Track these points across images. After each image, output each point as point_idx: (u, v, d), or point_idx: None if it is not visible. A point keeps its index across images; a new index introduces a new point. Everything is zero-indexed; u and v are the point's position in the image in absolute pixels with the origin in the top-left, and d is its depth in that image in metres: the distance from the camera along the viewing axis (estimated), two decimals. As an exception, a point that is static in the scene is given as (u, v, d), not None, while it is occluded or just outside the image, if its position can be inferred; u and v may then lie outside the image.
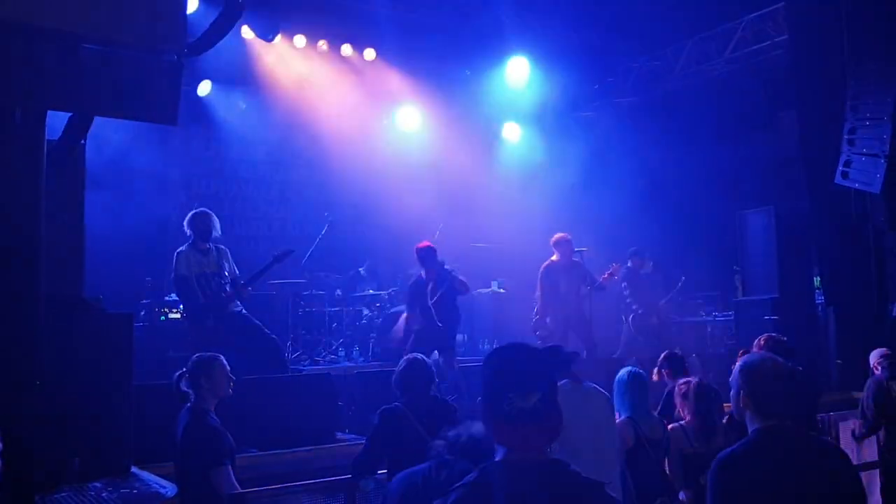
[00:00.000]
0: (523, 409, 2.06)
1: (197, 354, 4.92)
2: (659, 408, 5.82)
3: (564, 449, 2.65)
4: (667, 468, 5.02)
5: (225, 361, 4.86)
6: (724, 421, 5.17)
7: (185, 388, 4.74)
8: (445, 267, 8.70)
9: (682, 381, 5.30)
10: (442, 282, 8.63)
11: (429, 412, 4.76)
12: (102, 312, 5.00)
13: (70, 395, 4.34)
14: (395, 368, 5.08)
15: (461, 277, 8.78)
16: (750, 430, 3.11)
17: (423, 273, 8.79)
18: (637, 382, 5.03)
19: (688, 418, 5.09)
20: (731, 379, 3.27)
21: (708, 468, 3.10)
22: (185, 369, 4.82)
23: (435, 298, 8.59)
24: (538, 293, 9.77)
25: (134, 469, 4.68)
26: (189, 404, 4.73)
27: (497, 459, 2.13)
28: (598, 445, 4.40)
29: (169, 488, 4.34)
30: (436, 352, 8.47)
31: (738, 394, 3.17)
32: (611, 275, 9.81)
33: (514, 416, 2.06)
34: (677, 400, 5.20)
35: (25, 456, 3.47)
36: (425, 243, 8.87)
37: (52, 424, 4.02)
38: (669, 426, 5.10)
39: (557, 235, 9.82)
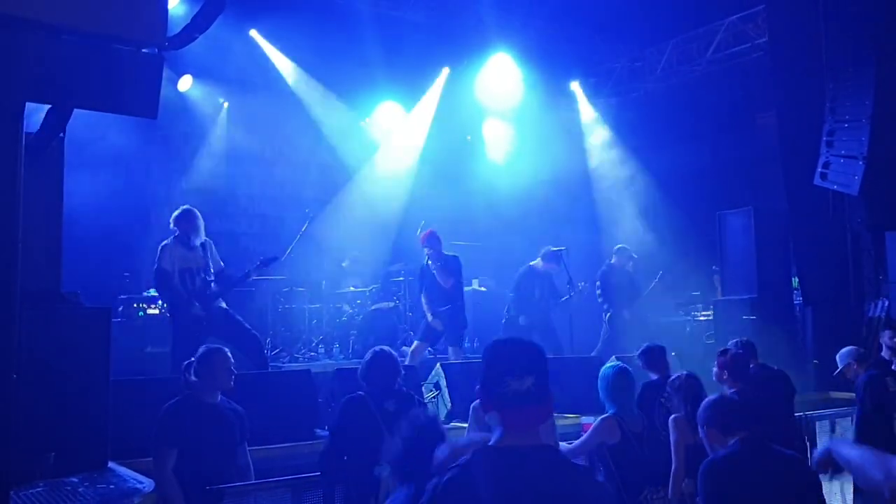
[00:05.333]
0: (518, 391, 2.27)
1: (203, 346, 5.01)
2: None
3: None
4: (673, 459, 5.03)
5: (228, 354, 4.92)
6: None
7: (192, 378, 4.86)
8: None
9: (675, 375, 5.36)
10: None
11: (394, 406, 4.76)
12: (80, 307, 4.96)
13: (47, 389, 4.31)
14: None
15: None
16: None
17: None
18: (623, 379, 5.03)
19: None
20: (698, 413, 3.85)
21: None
22: (193, 359, 4.92)
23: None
24: (512, 293, 10.04)
25: (111, 464, 4.65)
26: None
27: (490, 444, 2.33)
28: None
29: (146, 483, 4.31)
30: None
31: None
32: (574, 295, 9.91)
33: (510, 397, 2.28)
34: (673, 393, 5.22)
35: (0, 450, 3.43)
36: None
37: (28, 419, 3.98)
38: (672, 417, 5.10)
39: (548, 248, 9.95)
